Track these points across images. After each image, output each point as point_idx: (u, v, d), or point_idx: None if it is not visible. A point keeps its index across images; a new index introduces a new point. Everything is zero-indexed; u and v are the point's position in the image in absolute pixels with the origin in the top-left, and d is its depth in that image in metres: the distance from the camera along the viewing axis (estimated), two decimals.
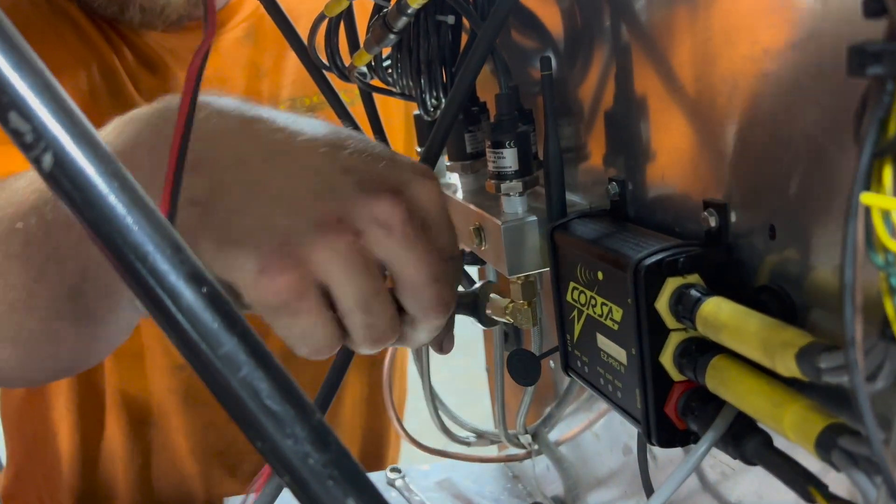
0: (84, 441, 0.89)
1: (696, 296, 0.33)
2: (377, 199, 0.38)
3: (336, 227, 0.37)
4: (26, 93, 0.23)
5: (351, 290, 0.38)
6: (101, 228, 0.23)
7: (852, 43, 0.21)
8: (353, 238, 0.38)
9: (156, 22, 0.81)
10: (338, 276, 0.38)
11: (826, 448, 0.27)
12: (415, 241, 0.39)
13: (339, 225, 0.38)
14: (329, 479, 0.23)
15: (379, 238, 0.38)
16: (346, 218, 0.38)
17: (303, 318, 0.38)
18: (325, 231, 0.37)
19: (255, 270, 0.37)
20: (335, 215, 0.38)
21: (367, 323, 0.39)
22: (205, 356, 0.23)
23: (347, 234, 0.38)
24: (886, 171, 0.21)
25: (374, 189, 0.38)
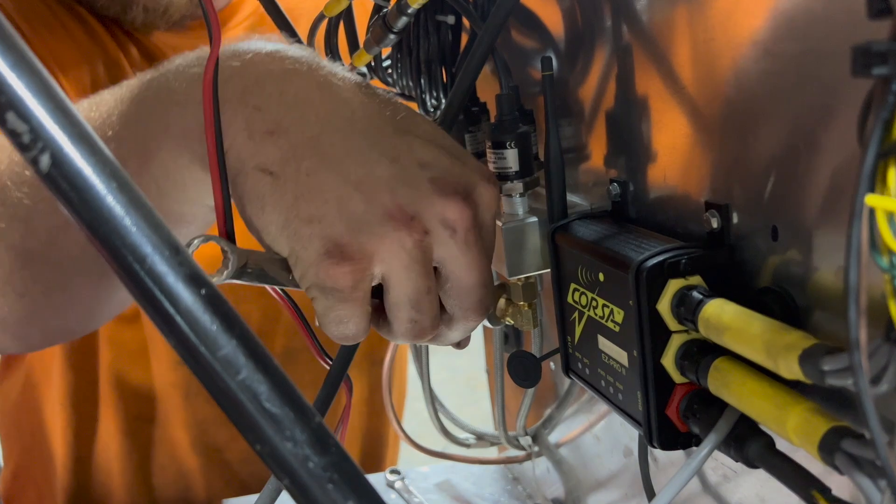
0: (77, 437, 0.88)
1: (698, 297, 0.33)
2: (449, 201, 0.39)
3: (408, 224, 0.38)
4: (24, 93, 0.23)
5: (406, 287, 0.39)
6: (99, 229, 0.23)
7: (857, 43, 0.21)
8: (421, 237, 0.38)
9: (158, 22, 0.82)
10: (398, 271, 0.39)
11: (829, 451, 0.27)
12: (473, 246, 0.40)
13: (411, 223, 0.38)
14: (329, 482, 0.23)
15: (443, 239, 0.39)
16: (418, 216, 0.38)
17: (349, 306, 0.39)
18: (396, 226, 0.38)
19: (320, 252, 0.37)
20: (408, 211, 0.38)
21: (412, 319, 0.40)
22: (203, 358, 0.23)
23: (416, 233, 0.38)
24: (891, 172, 0.21)
25: (446, 189, 0.39)
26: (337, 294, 0.38)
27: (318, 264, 0.37)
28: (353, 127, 0.39)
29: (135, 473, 0.89)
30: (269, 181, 0.38)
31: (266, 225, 0.38)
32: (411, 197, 0.38)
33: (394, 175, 0.38)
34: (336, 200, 0.37)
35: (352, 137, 0.38)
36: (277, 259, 0.39)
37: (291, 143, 0.38)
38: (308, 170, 0.38)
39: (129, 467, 0.89)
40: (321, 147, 0.38)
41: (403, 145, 0.39)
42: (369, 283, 0.39)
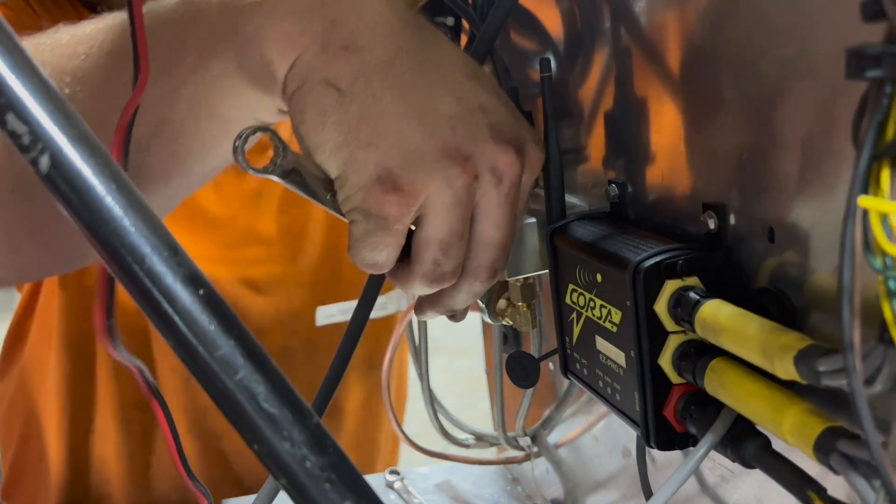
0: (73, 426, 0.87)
1: (695, 298, 0.33)
2: (503, 150, 0.39)
3: (462, 164, 0.38)
4: (24, 95, 0.23)
5: (442, 227, 0.39)
6: (98, 230, 0.23)
7: (851, 46, 0.21)
8: (471, 180, 0.39)
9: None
10: (440, 209, 0.39)
11: (825, 451, 0.27)
12: (509, 202, 0.40)
13: (465, 163, 0.38)
14: (326, 482, 0.23)
15: (489, 187, 0.40)
16: (472, 158, 0.39)
17: (386, 235, 0.39)
18: (450, 164, 0.38)
19: (373, 177, 0.38)
20: (464, 152, 0.38)
21: (436, 261, 0.40)
22: (201, 358, 0.23)
23: (468, 175, 0.39)
24: (885, 174, 0.21)
25: (502, 137, 0.39)
26: (380, 221, 0.38)
27: (368, 189, 0.38)
28: (426, 58, 0.39)
29: (131, 461, 0.88)
30: (335, 97, 0.37)
31: (323, 142, 0.38)
32: (469, 138, 0.39)
33: (456, 113, 0.38)
34: (396, 129, 0.38)
35: (424, 67, 0.38)
36: (325, 178, 0.39)
37: (364, 62, 0.38)
38: (375, 93, 0.37)
39: (126, 455, 0.88)
40: (392, 71, 0.38)
41: (469, 86, 0.39)
42: (412, 217, 0.39)
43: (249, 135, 0.37)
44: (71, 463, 0.89)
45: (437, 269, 0.41)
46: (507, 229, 0.41)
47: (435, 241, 0.40)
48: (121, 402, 0.87)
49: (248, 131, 0.37)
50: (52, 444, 0.89)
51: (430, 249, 0.40)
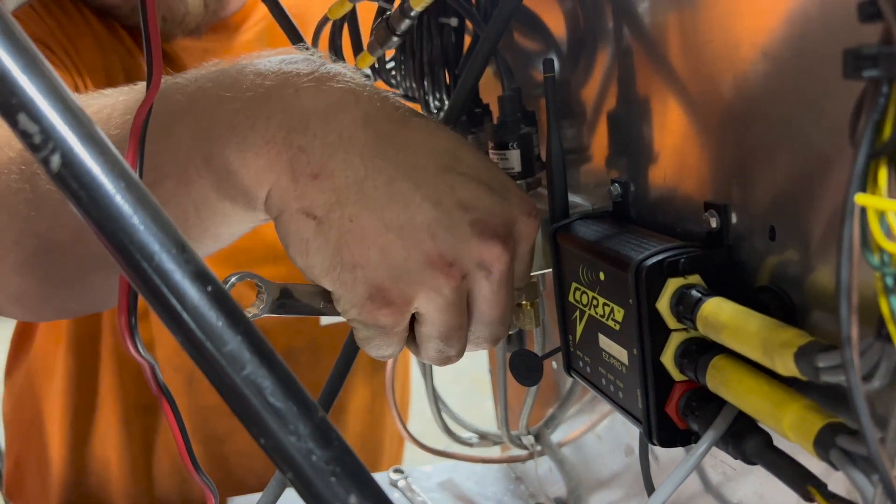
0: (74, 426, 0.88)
1: (697, 296, 0.34)
2: (488, 245, 0.40)
3: (446, 271, 0.39)
4: (35, 95, 0.23)
5: (439, 325, 0.41)
6: (107, 227, 0.23)
7: (848, 46, 0.21)
8: (458, 283, 0.40)
9: (175, 31, 0.84)
10: (434, 313, 0.40)
11: (824, 447, 0.27)
12: (504, 286, 0.41)
13: (450, 269, 0.39)
14: (332, 475, 0.24)
15: (478, 280, 0.40)
16: (457, 261, 0.39)
17: (387, 338, 0.41)
18: (435, 273, 0.39)
19: (363, 296, 0.39)
20: (448, 258, 0.39)
21: (440, 350, 0.42)
22: (209, 354, 0.24)
23: (455, 280, 0.40)
24: (882, 172, 0.21)
25: (486, 233, 0.40)
26: (378, 330, 0.40)
27: (362, 306, 0.39)
28: (397, 168, 0.39)
29: (133, 462, 0.89)
30: (313, 225, 0.39)
31: (310, 266, 0.39)
32: (451, 242, 0.39)
33: (435, 220, 0.39)
34: (378, 248, 0.39)
35: (395, 180, 0.39)
36: (318, 291, 0.41)
37: (336, 188, 0.38)
38: (352, 215, 0.38)
39: (128, 456, 0.88)
40: (365, 191, 0.39)
41: (445, 186, 0.40)
42: (408, 320, 0.41)
43: (231, 285, 0.38)
44: (72, 463, 0.89)
45: (442, 355, 0.43)
46: (505, 307, 0.42)
47: (435, 337, 0.42)
48: (123, 403, 0.87)
49: (233, 280, 0.38)
50: (53, 444, 0.89)
51: (431, 342, 0.42)
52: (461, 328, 0.42)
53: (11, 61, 0.23)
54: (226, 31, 0.88)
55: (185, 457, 0.39)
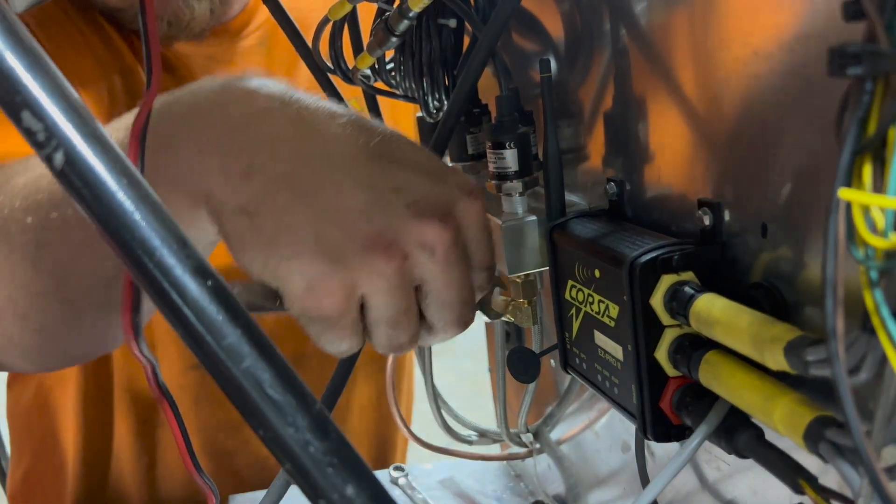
0: (90, 441, 0.89)
1: (690, 292, 0.34)
2: (425, 225, 0.39)
3: (385, 252, 0.38)
4: (39, 93, 0.24)
5: (384, 309, 0.40)
6: (109, 224, 0.24)
7: (833, 45, 0.22)
8: (400, 263, 0.39)
9: (180, 35, 0.84)
10: (378, 296, 0.39)
11: (814, 440, 0.27)
12: (454, 265, 0.40)
13: (388, 250, 0.38)
14: (329, 466, 0.24)
15: (422, 261, 0.40)
16: (395, 243, 0.39)
17: (337, 330, 0.40)
18: (374, 255, 0.38)
19: (302, 287, 0.38)
20: (385, 239, 0.38)
21: (390, 335, 0.41)
22: (209, 347, 0.24)
23: (395, 260, 0.39)
24: (866, 168, 0.21)
25: (423, 212, 0.39)
26: (324, 322, 0.39)
27: (302, 298, 0.38)
28: (327, 159, 0.39)
29: (144, 477, 0.90)
30: (246, 222, 0.38)
31: (249, 263, 0.39)
32: (388, 224, 0.39)
33: (369, 202, 0.39)
34: (312, 235, 0.38)
35: (325, 169, 0.39)
36: (269, 289, 0.40)
37: (265, 181, 0.38)
38: (283, 207, 0.38)
39: (140, 470, 0.89)
40: (295, 182, 0.39)
41: (378, 171, 0.39)
42: (355, 308, 0.40)
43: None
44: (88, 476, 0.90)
45: (394, 341, 0.42)
46: (461, 286, 0.41)
47: (382, 322, 0.41)
48: (136, 417, 0.88)
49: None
50: (69, 458, 0.90)
51: (380, 328, 0.41)
52: (408, 312, 0.41)
53: (15, 60, 0.24)
54: (227, 35, 0.88)
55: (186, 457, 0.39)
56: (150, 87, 0.36)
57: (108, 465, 0.90)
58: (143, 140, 0.35)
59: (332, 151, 0.39)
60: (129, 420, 0.88)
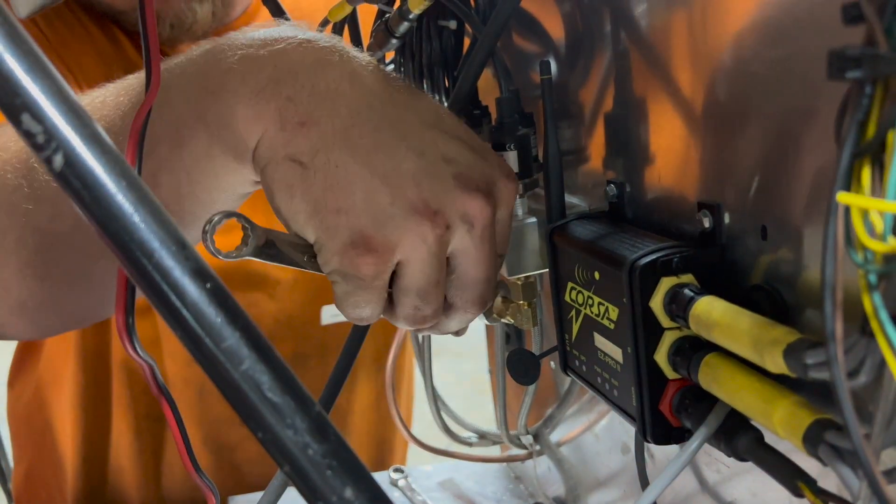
0: (88, 438, 0.89)
1: (690, 295, 0.34)
2: (471, 197, 0.40)
3: (432, 218, 0.39)
4: (38, 96, 0.24)
5: (418, 277, 0.40)
6: (108, 226, 0.24)
7: (833, 48, 0.22)
8: (443, 232, 0.40)
9: (183, 37, 0.84)
10: (416, 263, 0.40)
11: (813, 443, 0.27)
12: (486, 242, 0.41)
13: (435, 217, 0.39)
14: (328, 468, 0.24)
15: (461, 234, 0.40)
16: (441, 210, 0.39)
17: (367, 293, 0.40)
18: (420, 220, 0.39)
19: (346, 242, 0.39)
20: (432, 206, 0.39)
21: (416, 306, 0.42)
22: (208, 350, 0.24)
23: (439, 228, 0.39)
24: (865, 171, 0.21)
25: (469, 185, 0.40)
26: (358, 282, 0.40)
27: (343, 253, 0.39)
28: (383, 119, 0.40)
29: (145, 473, 0.90)
30: (299, 171, 0.39)
31: (294, 213, 0.39)
32: (436, 191, 0.39)
33: (420, 169, 0.39)
34: (363, 193, 0.39)
35: (381, 130, 0.39)
36: (301, 243, 0.41)
37: (322, 135, 0.39)
38: (337, 161, 0.39)
39: (140, 466, 0.89)
40: (351, 139, 0.39)
41: (429, 139, 0.40)
42: (389, 273, 0.40)
43: (218, 222, 0.38)
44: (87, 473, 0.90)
45: (418, 313, 0.42)
46: (489, 265, 0.42)
47: (413, 290, 0.41)
48: (135, 414, 0.88)
49: (216, 219, 0.38)
50: (67, 455, 0.90)
51: (408, 297, 0.42)
52: (438, 284, 0.41)
53: (15, 63, 0.24)
54: None
55: (186, 457, 0.39)
56: (149, 88, 0.36)
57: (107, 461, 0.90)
58: (142, 140, 0.35)
59: (389, 114, 0.40)
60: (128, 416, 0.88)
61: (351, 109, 0.39)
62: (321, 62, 0.40)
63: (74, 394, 0.88)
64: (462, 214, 0.40)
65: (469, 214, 0.40)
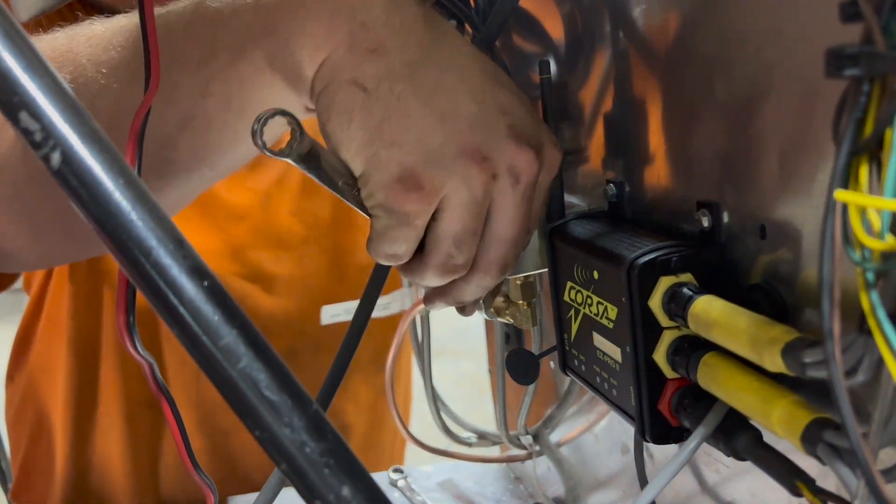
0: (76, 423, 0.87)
1: (688, 294, 0.34)
2: (521, 150, 0.41)
3: (480, 164, 0.40)
4: (36, 93, 0.24)
5: (457, 223, 0.41)
6: (106, 224, 0.24)
7: (830, 46, 0.22)
8: (489, 179, 0.40)
9: None
10: (457, 207, 0.40)
11: (811, 442, 0.27)
12: (525, 201, 0.42)
13: (483, 163, 0.40)
14: (325, 467, 0.24)
15: (505, 186, 0.41)
16: (491, 158, 0.40)
17: (407, 230, 0.41)
18: (468, 164, 0.39)
19: (395, 175, 0.39)
20: (483, 152, 0.40)
21: (449, 254, 0.42)
22: (205, 348, 0.24)
23: (486, 175, 0.40)
24: (863, 169, 0.21)
25: (521, 138, 0.41)
26: (401, 217, 0.40)
27: (390, 187, 0.39)
28: (449, 62, 0.40)
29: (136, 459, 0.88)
30: (361, 97, 0.39)
31: (348, 141, 0.40)
32: (488, 139, 0.40)
33: (476, 114, 0.40)
34: (419, 129, 0.39)
35: (446, 71, 0.40)
36: (342, 171, 0.41)
37: (389, 65, 0.39)
38: (400, 94, 0.39)
39: (130, 452, 0.88)
40: (416, 74, 0.39)
41: (488, 89, 0.41)
42: (430, 213, 0.41)
43: (268, 118, 0.38)
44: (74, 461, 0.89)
45: (450, 261, 0.42)
46: (521, 226, 0.42)
47: (450, 235, 0.41)
48: (126, 400, 0.87)
49: (268, 114, 0.38)
50: (59, 444, 0.89)
51: (444, 243, 0.42)
52: (475, 234, 0.42)
53: (13, 60, 0.24)
54: None
55: (185, 456, 0.39)
56: (149, 87, 0.36)
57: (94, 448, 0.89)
58: (141, 140, 0.35)
59: (454, 58, 0.41)
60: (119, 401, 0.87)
61: (421, 47, 0.40)
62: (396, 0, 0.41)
63: (65, 379, 0.87)
64: (510, 166, 0.40)
65: (516, 167, 0.41)
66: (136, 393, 0.87)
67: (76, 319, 0.86)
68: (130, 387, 0.87)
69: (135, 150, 0.35)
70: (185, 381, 0.86)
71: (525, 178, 0.41)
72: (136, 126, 0.35)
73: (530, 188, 0.42)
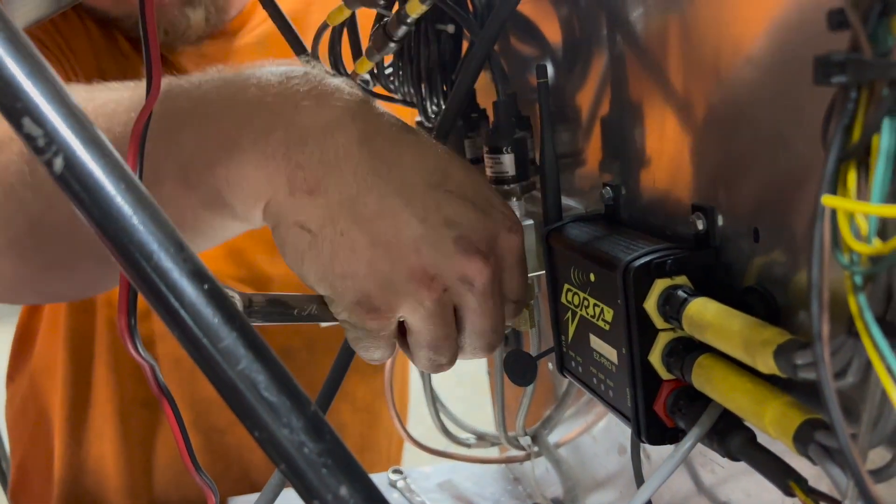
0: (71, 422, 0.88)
1: (683, 296, 0.35)
2: (470, 260, 0.42)
3: (428, 284, 0.42)
4: (39, 99, 0.24)
5: (426, 335, 0.43)
6: (108, 228, 0.24)
7: (818, 53, 0.22)
8: (439, 294, 0.42)
9: (177, 44, 0.85)
10: (418, 322, 0.43)
11: (803, 442, 0.28)
12: (489, 297, 0.44)
13: (432, 282, 0.42)
14: (323, 467, 0.24)
15: (461, 293, 0.43)
16: (439, 276, 0.42)
17: (374, 341, 0.44)
18: (418, 287, 0.42)
19: (352, 301, 0.42)
20: (430, 272, 0.42)
21: (430, 358, 0.45)
22: (205, 350, 0.24)
23: (436, 292, 0.42)
24: (851, 174, 0.22)
25: (469, 249, 0.42)
26: (367, 332, 0.43)
27: (351, 310, 0.42)
28: (388, 185, 0.42)
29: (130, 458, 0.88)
30: (307, 238, 0.41)
31: (305, 274, 0.42)
32: (435, 258, 0.42)
33: (421, 236, 0.41)
34: (367, 260, 0.41)
35: (386, 197, 0.41)
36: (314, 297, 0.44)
37: (329, 204, 0.41)
38: (343, 230, 0.41)
39: (125, 451, 0.88)
40: (356, 208, 0.41)
41: (432, 203, 0.42)
42: (394, 326, 0.43)
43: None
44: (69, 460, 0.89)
45: (434, 363, 0.45)
46: (494, 316, 0.44)
47: (424, 345, 0.44)
48: (120, 399, 0.87)
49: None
50: (56, 444, 0.90)
51: (421, 350, 0.45)
52: (448, 338, 0.44)
53: (16, 67, 0.24)
54: (224, 36, 0.89)
55: (186, 457, 0.39)
56: (150, 92, 0.37)
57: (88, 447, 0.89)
58: (143, 143, 0.35)
59: (394, 178, 0.42)
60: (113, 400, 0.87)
61: (357, 177, 0.41)
62: (331, 125, 0.42)
63: (62, 379, 0.87)
64: (461, 276, 0.42)
65: (468, 276, 0.42)
66: (130, 392, 0.87)
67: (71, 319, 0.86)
68: (124, 386, 0.87)
69: (136, 155, 0.35)
70: (179, 380, 0.86)
71: (480, 282, 0.43)
72: (137, 131, 0.35)
73: (489, 286, 0.43)
